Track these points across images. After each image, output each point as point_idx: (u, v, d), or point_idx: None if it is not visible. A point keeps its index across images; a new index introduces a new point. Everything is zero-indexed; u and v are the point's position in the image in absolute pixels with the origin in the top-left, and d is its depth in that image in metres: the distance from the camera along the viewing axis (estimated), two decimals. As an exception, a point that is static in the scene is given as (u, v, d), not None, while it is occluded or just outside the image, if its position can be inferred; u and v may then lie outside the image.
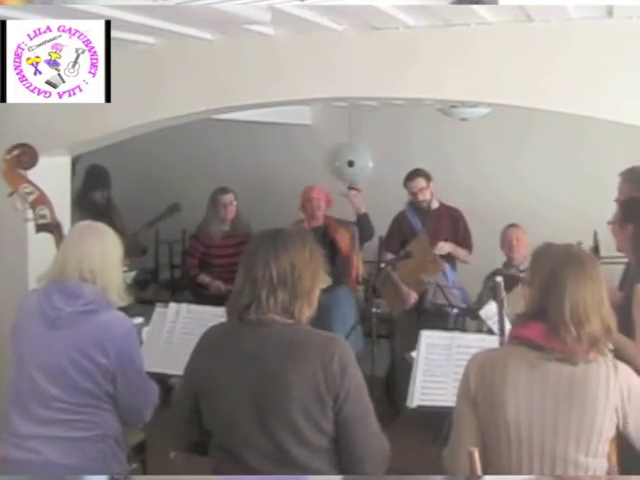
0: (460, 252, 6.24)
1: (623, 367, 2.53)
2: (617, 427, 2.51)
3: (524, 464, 2.51)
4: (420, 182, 6.19)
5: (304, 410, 2.45)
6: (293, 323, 2.54)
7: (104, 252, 3.10)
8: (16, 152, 3.82)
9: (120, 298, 3.13)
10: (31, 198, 3.75)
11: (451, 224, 6.26)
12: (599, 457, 2.49)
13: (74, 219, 4.46)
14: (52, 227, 3.71)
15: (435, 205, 6.30)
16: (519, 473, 2.51)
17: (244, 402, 2.51)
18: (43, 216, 3.74)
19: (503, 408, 2.51)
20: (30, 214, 3.79)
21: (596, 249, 5.02)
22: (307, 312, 2.58)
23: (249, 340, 2.54)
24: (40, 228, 3.73)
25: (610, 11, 3.57)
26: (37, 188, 3.76)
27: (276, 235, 2.61)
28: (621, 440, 2.58)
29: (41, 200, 3.75)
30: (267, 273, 2.51)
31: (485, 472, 2.44)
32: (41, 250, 3.71)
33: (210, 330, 2.77)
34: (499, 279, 3.61)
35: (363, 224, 6.32)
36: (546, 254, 2.65)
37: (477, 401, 2.57)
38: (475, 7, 3.48)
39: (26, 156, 3.84)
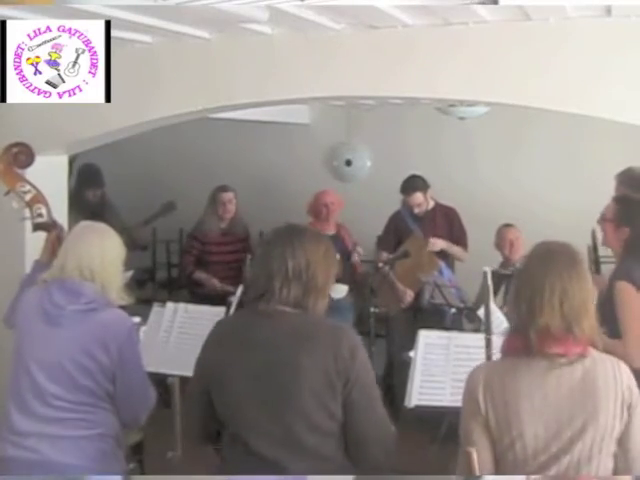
0: (455, 249, 6.23)
1: (624, 366, 2.51)
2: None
3: (542, 470, 2.46)
4: (417, 197, 6.18)
5: (314, 395, 2.52)
6: (302, 313, 2.61)
7: (104, 251, 3.11)
8: (13, 151, 3.81)
9: (119, 297, 3.15)
10: (28, 197, 3.74)
11: (446, 223, 6.26)
12: (610, 455, 2.45)
13: (69, 219, 4.46)
14: (49, 226, 3.70)
15: (431, 205, 6.29)
16: None
17: (256, 390, 2.57)
18: (40, 215, 3.73)
19: (519, 424, 2.45)
20: (27, 213, 3.78)
21: (594, 248, 5.02)
22: (322, 305, 2.67)
23: (260, 330, 2.61)
24: (37, 227, 3.73)
25: (608, 10, 3.57)
26: (34, 187, 3.76)
27: (293, 232, 2.68)
28: None
29: (38, 199, 3.75)
30: (283, 267, 2.58)
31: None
32: (38, 249, 3.70)
33: (220, 323, 2.85)
34: (487, 269, 3.63)
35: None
36: (527, 254, 2.64)
37: (489, 419, 2.49)
38: (474, 6, 3.48)
39: (23, 155, 3.83)
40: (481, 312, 4.53)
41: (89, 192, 6.71)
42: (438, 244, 6.11)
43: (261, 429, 2.56)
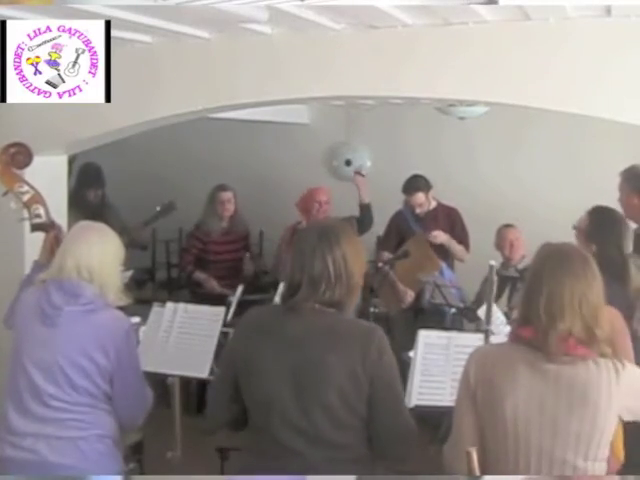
0: (456, 247, 6.22)
1: (627, 366, 2.49)
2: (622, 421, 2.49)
3: (521, 463, 2.49)
4: (419, 197, 6.19)
5: (341, 393, 2.60)
6: (335, 312, 2.69)
7: (103, 252, 3.10)
8: (11, 151, 3.80)
9: (118, 298, 3.14)
10: (26, 197, 3.72)
11: (448, 223, 6.26)
12: (598, 461, 2.47)
13: (69, 219, 4.46)
14: (47, 226, 3.69)
15: (432, 205, 6.30)
16: (516, 472, 2.50)
17: (285, 383, 2.65)
18: (38, 215, 3.72)
19: (501, 405, 2.50)
20: (25, 213, 3.77)
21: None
22: (355, 302, 2.80)
23: (294, 325, 2.67)
24: (35, 227, 3.71)
25: (608, 10, 3.56)
26: (32, 187, 3.74)
27: (329, 231, 2.73)
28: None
29: (36, 199, 3.73)
30: (325, 271, 2.65)
31: (484, 470, 2.44)
32: (38, 249, 3.70)
33: (253, 312, 2.89)
34: (493, 262, 3.63)
35: (365, 214, 6.32)
36: (537, 253, 2.65)
37: (476, 396, 2.57)
38: (474, 6, 3.48)
39: (21, 155, 3.82)
40: (481, 311, 4.53)
41: (90, 192, 6.71)
42: (440, 237, 6.11)
43: (286, 421, 2.64)
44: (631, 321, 3.71)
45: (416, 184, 6.19)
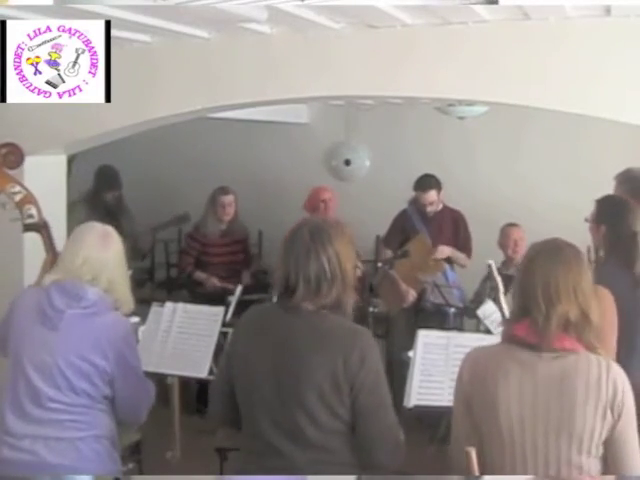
0: (459, 256, 6.24)
1: (617, 368, 2.50)
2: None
3: (518, 465, 2.50)
4: (432, 195, 6.18)
5: (320, 394, 2.55)
6: (325, 312, 2.65)
7: (111, 255, 3.10)
8: (2, 152, 3.79)
9: (127, 302, 3.15)
10: (17, 198, 3.71)
11: (452, 227, 6.26)
12: (592, 457, 2.47)
13: (80, 218, 4.45)
14: (39, 227, 3.68)
15: (439, 207, 6.29)
16: (513, 472, 2.50)
17: (268, 380, 2.63)
18: (30, 216, 3.70)
19: (495, 408, 2.50)
20: (17, 213, 3.76)
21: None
22: (352, 300, 2.72)
23: (283, 324, 2.66)
24: (27, 228, 3.70)
25: (608, 10, 3.56)
26: (24, 188, 3.73)
27: (320, 230, 2.69)
28: None
29: (28, 200, 3.71)
30: (322, 272, 2.62)
31: (484, 470, 2.45)
32: (35, 250, 3.69)
33: (252, 310, 2.88)
34: (491, 262, 3.62)
35: None
36: (527, 251, 2.69)
37: (471, 398, 2.57)
38: (474, 6, 3.48)
39: (13, 156, 3.81)
40: (480, 311, 4.53)
41: (108, 194, 6.75)
42: (445, 252, 6.11)
43: (270, 417, 2.62)
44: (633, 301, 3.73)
45: (429, 182, 6.19)
